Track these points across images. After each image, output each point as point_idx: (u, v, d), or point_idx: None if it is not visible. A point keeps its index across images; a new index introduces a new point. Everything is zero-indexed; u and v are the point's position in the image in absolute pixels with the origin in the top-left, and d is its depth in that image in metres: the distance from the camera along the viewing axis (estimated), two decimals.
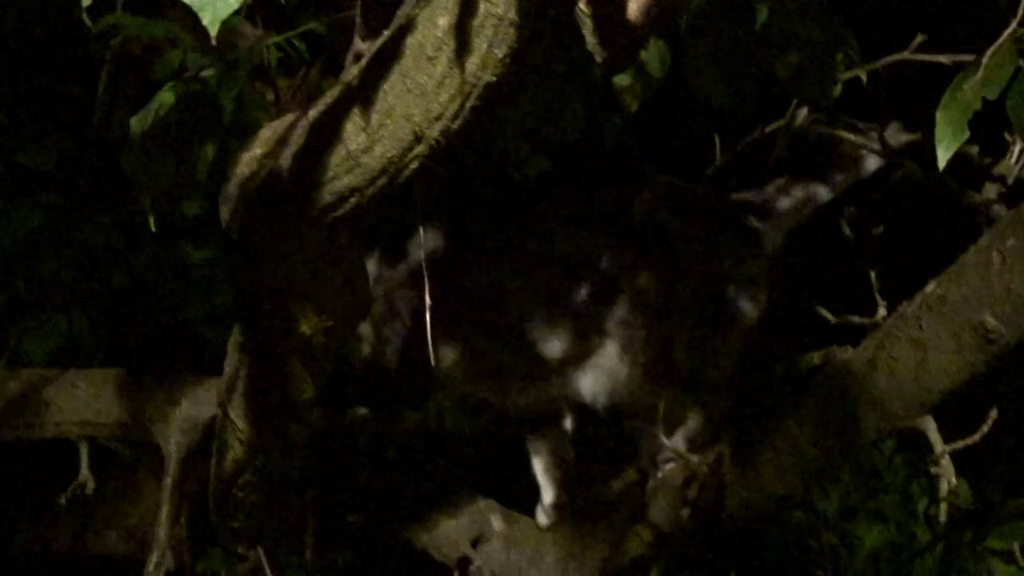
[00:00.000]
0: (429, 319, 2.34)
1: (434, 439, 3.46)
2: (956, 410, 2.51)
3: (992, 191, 2.66)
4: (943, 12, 2.84)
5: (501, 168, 2.92)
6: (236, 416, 2.51)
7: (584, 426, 3.00)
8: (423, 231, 2.52)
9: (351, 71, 2.02)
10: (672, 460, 2.74)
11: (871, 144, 2.76)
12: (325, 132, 2.03)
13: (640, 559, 2.76)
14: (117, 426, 2.98)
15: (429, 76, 1.92)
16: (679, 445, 2.73)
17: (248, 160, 2.13)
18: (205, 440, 2.77)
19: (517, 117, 2.22)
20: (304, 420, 2.51)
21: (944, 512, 2.57)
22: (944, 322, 2.39)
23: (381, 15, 1.99)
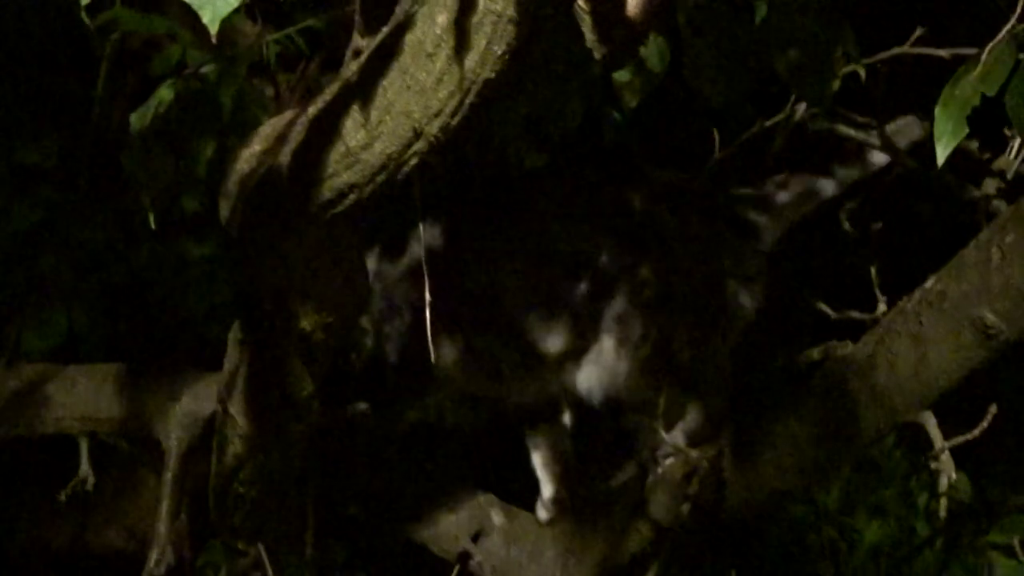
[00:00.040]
0: (429, 315, 2.34)
1: (434, 435, 3.46)
2: (956, 405, 2.51)
3: (991, 186, 2.66)
4: (942, 7, 2.83)
5: (500, 163, 2.91)
6: (236, 412, 2.51)
7: (583, 422, 2.99)
8: (422, 228, 2.52)
9: (350, 68, 2.02)
10: (672, 455, 2.73)
11: (872, 140, 2.76)
12: (324, 129, 2.03)
13: (640, 554, 2.76)
14: (117, 422, 2.98)
15: (428, 73, 1.92)
16: (679, 440, 2.73)
17: (247, 157, 2.14)
18: (205, 436, 2.77)
19: (517, 114, 2.22)
20: (304, 416, 2.51)
21: (944, 507, 2.56)
22: (944, 318, 2.39)
23: (380, 12, 1.99)
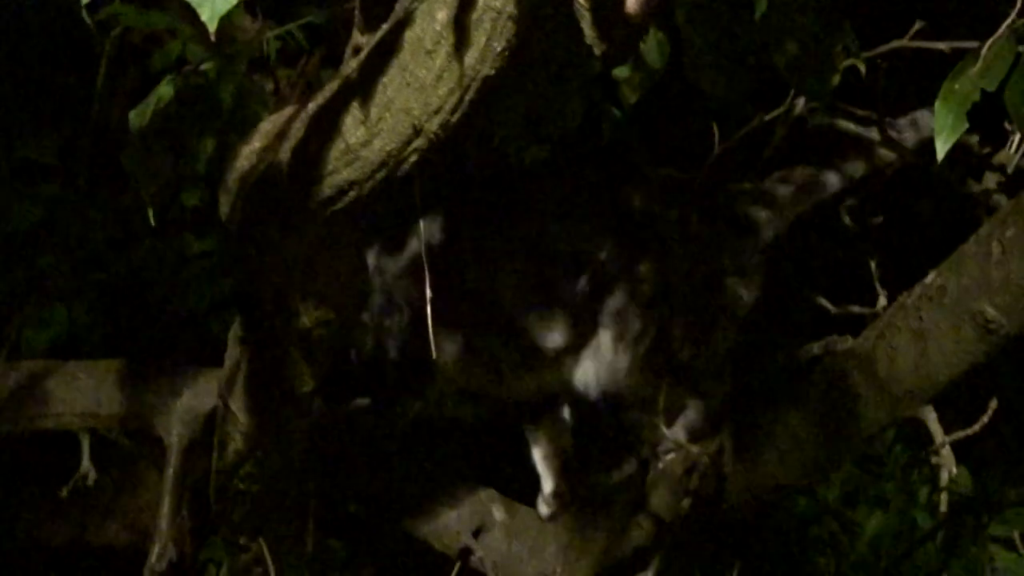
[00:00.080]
0: (428, 309, 2.33)
1: (434, 431, 3.46)
2: (956, 399, 2.51)
3: (992, 181, 2.65)
4: (941, 2, 2.83)
5: (500, 159, 2.91)
6: (237, 408, 2.52)
7: (584, 417, 2.99)
8: (422, 223, 2.51)
9: (350, 64, 2.02)
10: (672, 451, 2.74)
11: (874, 135, 2.75)
12: (324, 126, 2.03)
13: (641, 549, 2.77)
14: (118, 418, 2.97)
15: (428, 70, 1.92)
16: (679, 435, 2.73)
17: (247, 153, 2.13)
18: (206, 432, 2.77)
19: (517, 113, 2.22)
20: (304, 413, 2.52)
21: (944, 502, 2.57)
22: (944, 313, 2.39)
23: (380, 9, 1.99)
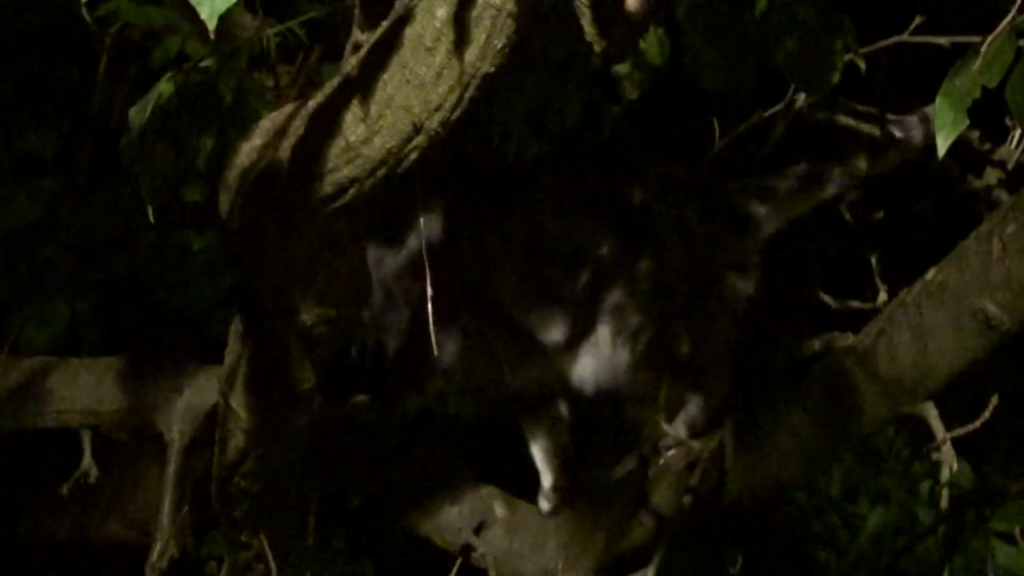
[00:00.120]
0: (429, 305, 2.33)
1: (435, 427, 3.46)
2: (958, 394, 2.51)
3: (993, 176, 2.65)
4: None
5: (500, 155, 2.91)
6: (238, 405, 2.51)
7: (583, 412, 2.99)
8: (423, 220, 2.51)
9: (350, 62, 2.01)
10: (673, 446, 2.74)
11: (876, 130, 2.75)
12: (324, 123, 2.03)
13: (642, 545, 2.77)
14: (119, 415, 2.98)
15: (428, 67, 1.92)
16: (680, 431, 2.73)
17: (248, 151, 2.13)
18: (207, 429, 2.77)
19: (518, 111, 2.22)
20: (305, 409, 2.51)
21: (946, 498, 2.56)
22: (945, 309, 2.39)
23: (380, 6, 1.99)
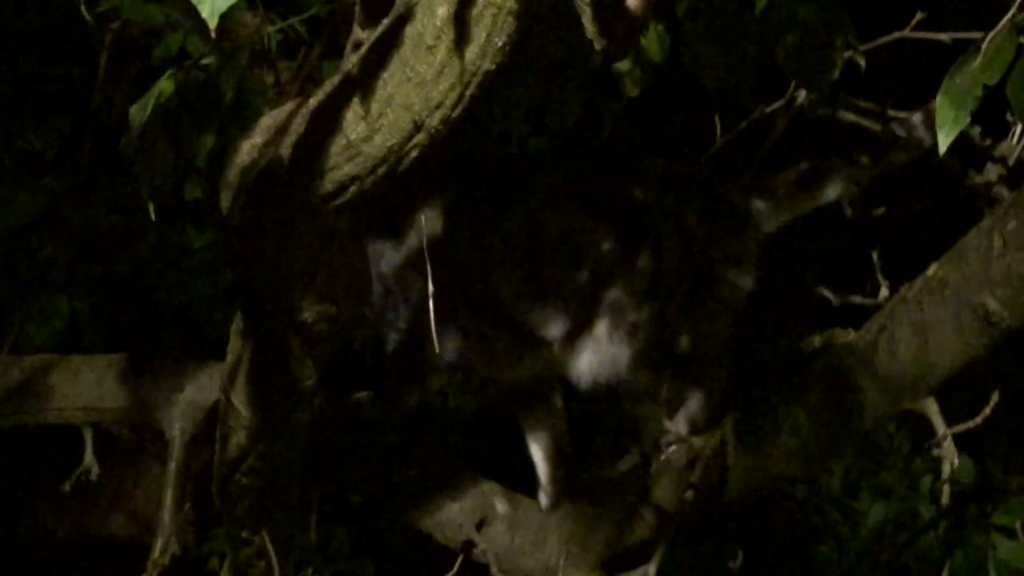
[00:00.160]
0: (430, 302, 2.33)
1: (437, 423, 3.46)
2: (958, 389, 2.51)
3: (993, 172, 2.65)
4: None
5: (501, 150, 2.91)
6: (239, 402, 2.51)
7: (584, 408, 3.00)
8: (423, 216, 2.51)
9: (350, 60, 2.01)
10: (675, 442, 2.74)
11: (876, 126, 2.75)
12: (325, 121, 2.02)
13: (644, 540, 2.77)
14: (120, 412, 2.97)
15: (428, 65, 1.92)
16: (681, 427, 2.73)
17: (248, 148, 2.13)
18: (208, 425, 2.77)
19: (519, 106, 2.22)
20: (307, 406, 2.51)
21: (947, 494, 2.56)
22: (945, 305, 2.39)
23: (380, 3, 1.99)
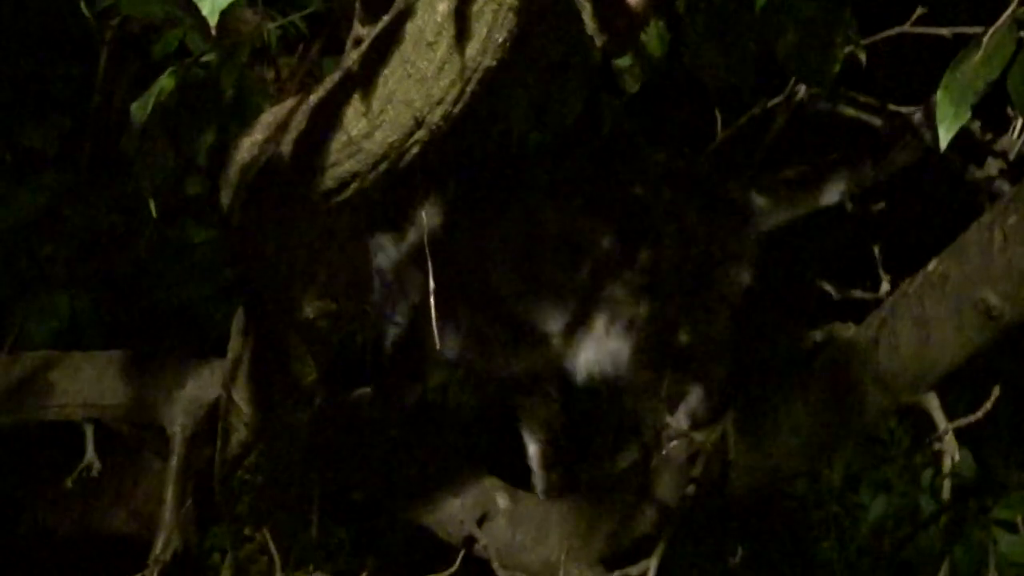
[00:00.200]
0: (430, 298, 2.33)
1: (438, 419, 3.46)
2: (959, 383, 2.51)
3: (994, 167, 2.65)
4: None
5: (501, 146, 2.91)
6: (240, 399, 2.52)
7: (584, 404, 3.00)
8: (424, 213, 2.51)
9: (351, 56, 2.01)
10: (676, 437, 2.74)
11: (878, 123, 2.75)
12: (326, 118, 2.02)
13: (645, 535, 2.77)
14: (121, 408, 2.97)
15: (429, 62, 1.92)
16: (682, 421, 2.74)
17: (249, 145, 2.13)
18: (210, 422, 2.78)
19: (520, 102, 2.21)
20: (308, 402, 2.52)
21: (948, 489, 2.56)
22: (946, 300, 2.39)
23: (381, 0, 1.99)
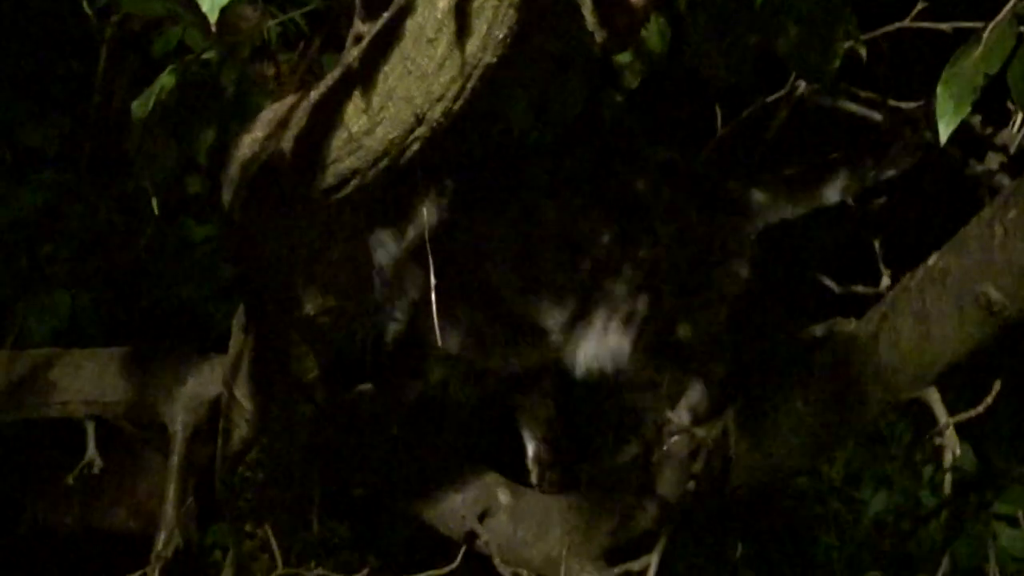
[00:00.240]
0: (431, 294, 2.33)
1: (440, 415, 3.46)
2: (959, 377, 2.51)
3: (995, 161, 2.65)
4: None
5: (502, 142, 2.91)
6: (241, 396, 2.52)
7: (584, 399, 3.00)
8: (425, 210, 2.51)
9: (351, 53, 2.01)
10: (677, 433, 2.74)
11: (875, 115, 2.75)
12: (326, 115, 2.02)
13: (646, 531, 2.77)
14: (123, 405, 2.98)
15: (430, 58, 1.92)
16: (683, 417, 2.74)
17: (250, 142, 2.13)
18: (211, 418, 2.78)
19: (520, 98, 2.21)
20: (309, 398, 2.52)
21: (948, 484, 2.57)
22: (947, 294, 2.38)
23: None
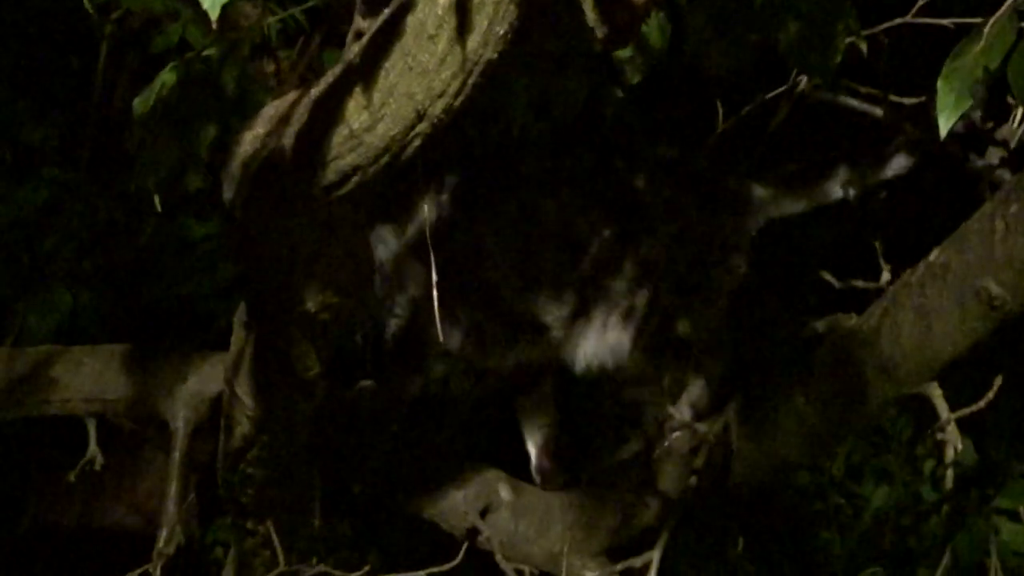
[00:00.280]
0: (432, 290, 2.33)
1: (441, 412, 3.46)
2: (960, 372, 2.51)
3: (995, 156, 2.65)
4: None
5: (503, 138, 2.91)
6: (243, 393, 2.52)
7: (585, 394, 3.00)
8: (425, 205, 2.51)
9: (352, 49, 2.01)
10: (678, 428, 2.74)
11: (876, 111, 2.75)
12: (327, 111, 2.02)
13: (648, 527, 2.77)
14: (124, 403, 2.97)
15: (430, 54, 1.92)
16: (685, 414, 2.74)
17: (251, 139, 2.13)
18: (212, 416, 2.78)
19: (521, 94, 2.21)
20: (310, 395, 2.52)
21: (950, 478, 2.57)
22: (948, 289, 2.38)
23: None
